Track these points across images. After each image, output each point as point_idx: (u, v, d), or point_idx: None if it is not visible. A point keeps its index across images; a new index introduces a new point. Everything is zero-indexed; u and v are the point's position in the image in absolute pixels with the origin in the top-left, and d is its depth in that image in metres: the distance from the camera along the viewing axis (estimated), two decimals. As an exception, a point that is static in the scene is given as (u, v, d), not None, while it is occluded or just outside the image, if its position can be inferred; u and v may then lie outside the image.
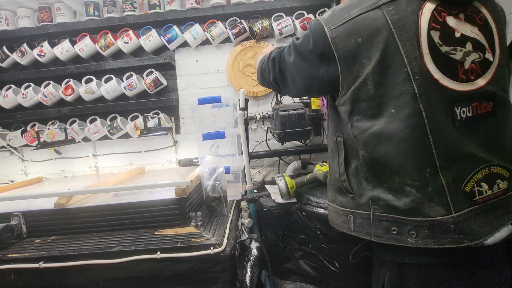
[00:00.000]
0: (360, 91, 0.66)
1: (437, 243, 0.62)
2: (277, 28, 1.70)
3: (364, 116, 0.68)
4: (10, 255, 0.97)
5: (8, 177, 1.92)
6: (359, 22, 0.64)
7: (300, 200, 1.21)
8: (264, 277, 1.26)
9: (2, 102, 1.75)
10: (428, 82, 0.61)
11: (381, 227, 0.69)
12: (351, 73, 0.67)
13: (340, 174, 0.78)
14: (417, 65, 0.61)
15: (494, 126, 0.65)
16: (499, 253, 0.66)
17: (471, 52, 0.62)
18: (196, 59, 1.82)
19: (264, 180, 1.86)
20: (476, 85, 0.63)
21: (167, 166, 1.89)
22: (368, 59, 0.64)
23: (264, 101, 1.84)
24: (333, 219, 0.86)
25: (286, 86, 0.88)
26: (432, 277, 0.67)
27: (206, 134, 1.29)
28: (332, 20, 0.68)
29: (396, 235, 0.66)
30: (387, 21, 0.62)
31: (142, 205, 1.09)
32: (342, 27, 0.66)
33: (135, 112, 1.80)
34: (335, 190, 0.83)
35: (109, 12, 1.74)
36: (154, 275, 0.95)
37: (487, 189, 0.64)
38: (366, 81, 0.65)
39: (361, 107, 0.68)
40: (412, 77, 0.61)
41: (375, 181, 0.70)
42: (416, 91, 0.61)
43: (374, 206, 0.70)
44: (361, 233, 0.74)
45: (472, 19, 0.64)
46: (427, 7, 0.61)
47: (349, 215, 0.77)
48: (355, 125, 0.70)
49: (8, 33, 1.76)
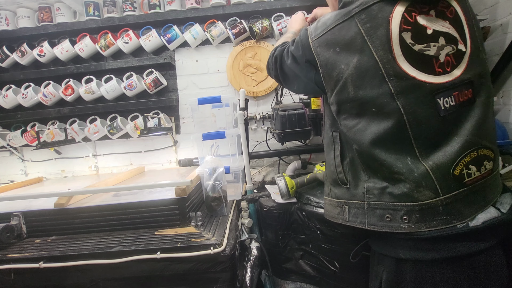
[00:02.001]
0: (342, 93, 0.73)
1: (427, 226, 0.66)
2: (277, 28, 1.70)
3: (350, 115, 0.74)
4: (10, 255, 0.97)
5: (8, 177, 1.92)
6: (336, 32, 0.71)
7: (300, 200, 1.21)
8: (264, 277, 1.26)
9: (2, 102, 1.75)
10: (404, 81, 0.65)
11: (375, 215, 0.72)
12: (332, 78, 0.74)
13: (336, 166, 0.82)
14: (391, 68, 0.65)
15: (476, 110, 0.68)
16: (495, 252, 0.67)
17: (444, 46, 0.66)
18: (196, 59, 1.82)
19: (264, 180, 1.86)
20: (453, 75, 0.66)
21: (167, 166, 1.89)
22: (346, 65, 0.70)
23: (264, 101, 1.84)
24: (328, 211, 0.89)
25: (287, 83, 0.96)
26: (428, 274, 0.67)
27: (206, 134, 1.29)
28: (315, 31, 0.76)
29: (389, 222, 0.70)
30: (360, 30, 0.67)
31: (142, 205, 1.09)
32: (323, 37, 0.74)
33: (135, 112, 1.80)
34: (331, 183, 0.86)
35: (109, 12, 1.74)
36: (154, 275, 0.95)
37: (475, 171, 0.67)
38: (346, 85, 0.71)
39: (345, 107, 0.74)
40: (387, 78, 0.66)
41: (370, 171, 0.74)
42: (393, 90, 0.66)
43: (368, 196, 0.74)
44: (355, 222, 0.77)
45: (443, 14, 0.67)
46: (397, 10, 0.65)
47: (344, 206, 0.80)
48: (343, 123, 0.77)
49: (8, 33, 1.76)
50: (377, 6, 0.66)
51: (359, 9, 0.67)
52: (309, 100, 1.67)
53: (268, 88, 1.80)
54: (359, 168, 0.76)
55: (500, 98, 1.49)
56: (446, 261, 0.66)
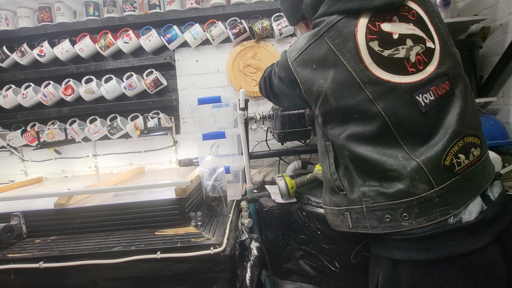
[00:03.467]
0: (325, 105, 0.76)
1: (428, 220, 0.66)
2: (277, 28, 1.70)
3: (336, 124, 0.78)
4: (10, 255, 0.97)
5: (8, 177, 1.92)
6: (310, 51, 0.76)
7: (300, 200, 1.21)
8: (264, 277, 1.26)
9: (2, 102, 1.75)
10: (379, 85, 0.69)
11: (375, 218, 0.73)
12: (313, 93, 0.78)
13: (331, 174, 0.83)
14: (365, 76, 0.69)
15: (456, 101, 0.71)
16: (492, 251, 0.66)
17: (413, 47, 0.70)
18: (196, 59, 1.82)
19: (264, 180, 1.86)
20: (427, 72, 0.70)
21: (167, 166, 1.89)
22: (324, 79, 0.74)
23: (264, 101, 1.84)
24: (332, 221, 0.89)
25: (277, 101, 1.04)
26: (424, 274, 0.68)
27: (206, 134, 1.28)
28: (291, 53, 0.82)
29: (390, 222, 0.70)
30: (330, 47, 0.72)
31: (142, 205, 1.09)
32: (299, 57, 0.79)
33: (135, 112, 1.80)
34: (329, 191, 0.87)
35: (109, 12, 1.74)
36: (154, 275, 0.95)
37: (464, 159, 0.69)
38: (327, 97, 0.75)
39: (330, 117, 0.78)
40: (363, 86, 0.70)
41: (364, 175, 0.75)
42: (370, 96, 0.69)
43: (365, 199, 0.74)
44: (358, 228, 0.77)
45: (405, 18, 0.71)
46: (361, 23, 0.70)
47: (345, 213, 0.80)
48: (330, 132, 0.80)
49: (8, 33, 1.76)
50: (342, 23, 0.71)
51: (327, 27, 0.73)
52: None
53: (268, 88, 1.80)
54: (354, 173, 0.78)
55: (500, 98, 1.49)
56: (441, 261, 0.66)
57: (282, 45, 1.79)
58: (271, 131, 1.66)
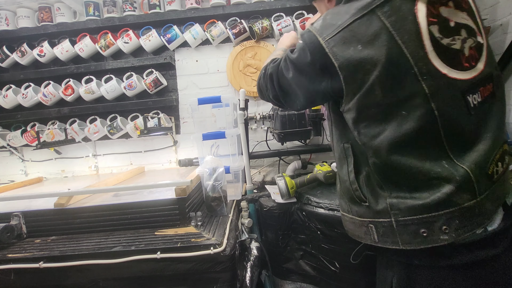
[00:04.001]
0: (367, 97, 0.64)
1: (466, 231, 0.61)
2: (277, 28, 1.70)
3: (372, 122, 0.66)
4: (10, 255, 0.97)
5: (8, 177, 1.92)
6: (355, 28, 0.62)
7: (300, 200, 1.21)
8: (264, 277, 1.26)
9: (2, 102, 1.75)
10: (437, 79, 0.59)
11: (407, 232, 0.65)
12: (355, 81, 0.64)
13: (351, 182, 0.75)
14: (424, 65, 0.59)
15: (497, 104, 0.66)
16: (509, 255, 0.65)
17: (466, 39, 0.62)
18: (196, 59, 1.82)
19: (264, 180, 1.86)
20: (478, 70, 0.63)
21: (167, 166, 1.89)
22: (372, 65, 0.61)
23: (264, 101, 1.84)
24: (352, 230, 0.81)
25: (289, 101, 0.83)
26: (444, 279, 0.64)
27: (206, 134, 1.28)
28: (325, 30, 0.66)
29: (426, 237, 0.63)
30: (384, 24, 0.60)
31: (142, 205, 1.09)
32: (338, 35, 0.64)
33: (135, 112, 1.80)
34: (348, 200, 0.78)
35: (109, 12, 1.74)
36: (154, 275, 0.95)
37: (500, 167, 0.65)
38: (373, 87, 0.62)
39: (368, 113, 0.65)
40: (421, 77, 0.59)
41: (392, 186, 0.67)
42: (427, 91, 0.59)
43: (394, 212, 0.66)
44: (387, 243, 0.69)
45: (460, 5, 0.63)
46: (420, 2, 0.59)
47: (369, 225, 0.72)
48: (363, 132, 0.68)
49: (8, 33, 1.76)
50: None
51: (380, 1, 0.60)
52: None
53: (268, 88, 1.80)
54: (378, 183, 0.69)
55: (500, 98, 1.48)
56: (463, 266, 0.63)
57: (282, 45, 1.79)
58: (271, 131, 1.66)
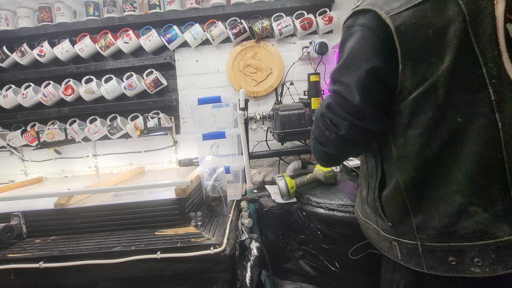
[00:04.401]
0: (426, 97, 0.54)
1: (504, 268, 0.54)
2: (277, 28, 1.70)
3: (425, 128, 0.56)
4: (10, 255, 0.97)
5: (8, 177, 1.92)
6: (427, 9, 0.52)
7: (300, 200, 1.21)
8: (264, 277, 1.26)
9: (2, 102, 1.75)
10: (505, 86, 0.51)
11: (434, 258, 0.60)
12: (415, 75, 0.54)
13: (374, 199, 0.70)
14: (494, 66, 0.51)
15: None
16: None
17: None
18: (196, 59, 1.82)
19: (264, 180, 1.86)
20: None
21: (167, 166, 1.89)
22: (439, 58, 0.52)
23: (264, 101, 1.84)
24: (375, 241, 0.76)
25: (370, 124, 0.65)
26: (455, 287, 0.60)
27: (206, 134, 1.28)
28: (389, 4, 0.54)
29: (455, 265, 0.57)
30: (461, 11, 0.50)
31: (142, 205, 1.09)
32: (407, 13, 0.52)
33: (135, 112, 1.80)
34: (373, 212, 0.73)
35: (109, 12, 1.74)
36: (154, 275, 0.95)
37: None
38: (436, 86, 0.53)
39: (423, 118, 0.56)
40: (489, 81, 0.51)
41: (421, 207, 0.61)
42: (493, 97, 0.51)
43: (421, 236, 0.61)
44: (410, 263, 0.64)
45: None
46: None
47: (393, 243, 0.67)
48: (411, 141, 0.58)
49: (8, 33, 1.76)
50: None
51: None
52: (309, 100, 1.68)
53: (268, 88, 1.80)
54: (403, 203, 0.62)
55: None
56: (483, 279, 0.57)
57: (282, 45, 1.79)
58: (271, 131, 1.66)
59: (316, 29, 1.76)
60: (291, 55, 1.79)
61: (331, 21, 1.69)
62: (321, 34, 1.78)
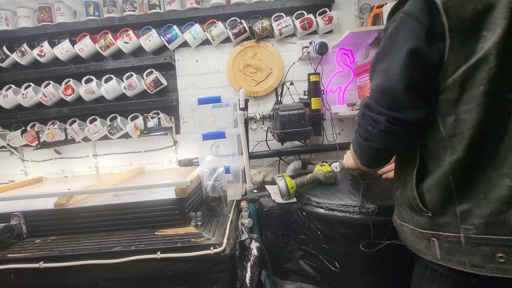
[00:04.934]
0: (477, 70, 0.52)
1: None
2: (277, 28, 1.70)
3: (479, 103, 0.53)
4: (10, 255, 0.97)
5: (8, 177, 1.92)
6: None
7: (300, 200, 1.21)
8: (264, 277, 1.26)
9: (2, 102, 1.75)
10: None
11: (479, 254, 0.54)
12: (463, 49, 0.53)
13: (411, 189, 0.66)
14: None
15: None
16: None
17: None
18: (196, 59, 1.82)
19: (264, 180, 1.86)
20: None
21: (167, 166, 1.89)
22: (489, 31, 0.51)
23: (264, 101, 1.84)
24: (412, 243, 0.70)
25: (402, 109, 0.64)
26: None
27: (206, 134, 1.28)
28: None
29: (504, 264, 0.51)
30: None
31: (142, 205, 1.09)
32: None
33: (135, 112, 1.80)
34: (409, 208, 0.68)
35: (109, 12, 1.74)
36: (154, 275, 0.95)
37: None
38: (488, 58, 0.51)
39: (476, 92, 0.53)
40: None
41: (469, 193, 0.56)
42: None
43: (465, 226, 0.55)
44: (450, 261, 0.58)
45: None
46: None
47: (431, 239, 0.62)
48: (462, 117, 0.55)
49: (8, 33, 1.76)
50: None
51: None
52: (309, 100, 1.68)
53: (268, 88, 1.80)
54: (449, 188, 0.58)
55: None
56: None
57: (282, 45, 1.79)
58: (271, 131, 1.66)
59: (316, 29, 1.76)
60: (291, 55, 1.79)
61: (331, 21, 1.69)
62: (321, 34, 1.78)
